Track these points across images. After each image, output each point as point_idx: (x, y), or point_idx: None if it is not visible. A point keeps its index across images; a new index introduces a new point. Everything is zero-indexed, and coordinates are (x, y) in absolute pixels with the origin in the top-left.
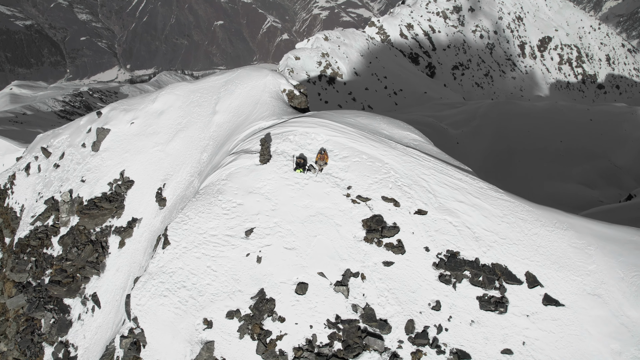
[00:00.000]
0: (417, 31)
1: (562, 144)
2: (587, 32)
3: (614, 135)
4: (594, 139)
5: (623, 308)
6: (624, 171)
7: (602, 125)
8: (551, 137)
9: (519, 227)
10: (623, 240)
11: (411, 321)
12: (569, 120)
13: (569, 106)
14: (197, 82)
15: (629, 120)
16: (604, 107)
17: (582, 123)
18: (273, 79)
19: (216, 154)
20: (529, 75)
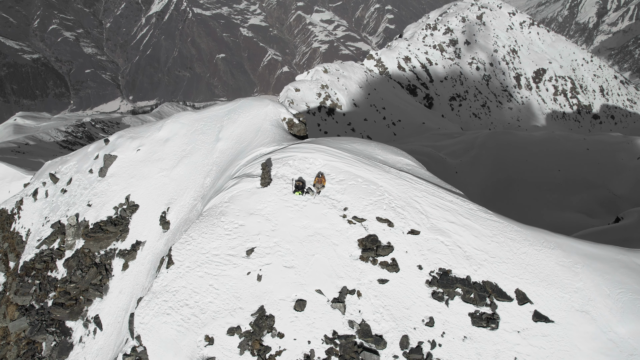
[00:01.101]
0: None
1: (560, 173)
2: (580, 64)
3: (611, 164)
4: (592, 168)
5: (610, 324)
6: (623, 199)
7: (599, 155)
8: (549, 167)
9: (508, 246)
10: (608, 258)
11: (406, 337)
12: (566, 149)
13: (566, 136)
14: (201, 111)
15: (625, 149)
16: (600, 137)
17: (579, 152)
18: (274, 108)
19: (219, 178)
20: (526, 106)
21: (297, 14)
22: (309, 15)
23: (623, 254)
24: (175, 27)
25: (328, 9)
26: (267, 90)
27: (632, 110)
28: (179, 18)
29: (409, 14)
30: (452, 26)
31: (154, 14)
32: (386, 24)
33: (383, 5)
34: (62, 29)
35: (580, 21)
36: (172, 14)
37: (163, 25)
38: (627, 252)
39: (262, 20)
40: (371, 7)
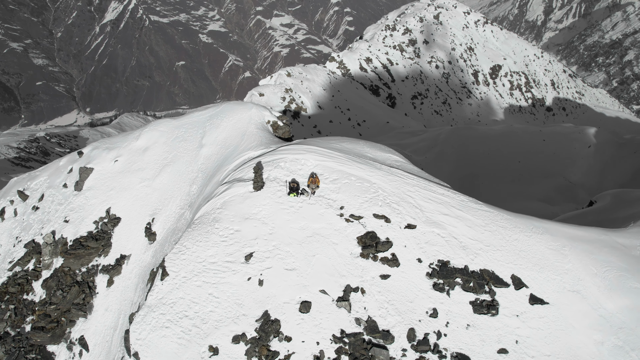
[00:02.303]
0: (376, 64)
1: (520, 165)
2: (532, 59)
3: (565, 153)
4: (549, 158)
5: (600, 301)
6: (578, 186)
7: (554, 145)
8: (510, 159)
9: (500, 235)
10: (592, 239)
11: (412, 329)
12: (525, 141)
13: (523, 128)
14: (180, 118)
15: (578, 139)
16: (554, 128)
17: (536, 144)
18: (257, 111)
19: (206, 185)
20: (484, 102)
21: (256, 18)
22: (269, 20)
23: (605, 234)
24: (131, 36)
25: (288, 13)
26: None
27: (580, 102)
28: (135, 26)
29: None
30: (411, 26)
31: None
32: (346, 26)
33: (342, 8)
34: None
35: (529, 19)
36: (128, 22)
37: (119, 34)
38: (608, 232)
39: (221, 26)
40: (330, 10)
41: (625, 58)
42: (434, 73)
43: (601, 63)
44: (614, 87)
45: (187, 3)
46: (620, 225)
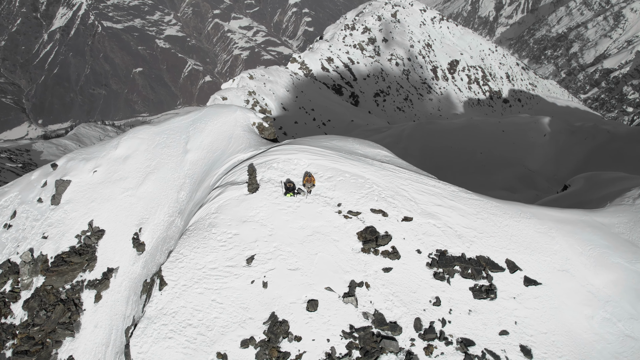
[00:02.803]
0: (338, 64)
1: (482, 156)
2: (487, 54)
3: (524, 143)
4: (508, 148)
5: (587, 278)
6: (537, 174)
7: (513, 135)
8: (472, 151)
9: (492, 221)
10: (575, 220)
11: (418, 319)
12: (485, 133)
13: (483, 120)
14: (160, 124)
15: (534, 128)
16: (512, 119)
17: (496, 134)
18: (242, 113)
19: (196, 190)
20: (445, 96)
21: (214, 22)
22: (227, 23)
23: (586, 215)
24: (84, 43)
25: (246, 15)
26: (191, 102)
27: (534, 93)
28: (87, 33)
29: (326, 16)
30: (370, 25)
31: (57, 29)
32: (305, 27)
33: (300, 9)
34: None
35: (482, 15)
36: (79, 29)
37: (70, 41)
38: (588, 213)
39: (178, 30)
40: (288, 11)
41: (571, 50)
42: (394, 70)
43: (550, 55)
44: (562, 78)
45: (141, 8)
46: (597, 206)
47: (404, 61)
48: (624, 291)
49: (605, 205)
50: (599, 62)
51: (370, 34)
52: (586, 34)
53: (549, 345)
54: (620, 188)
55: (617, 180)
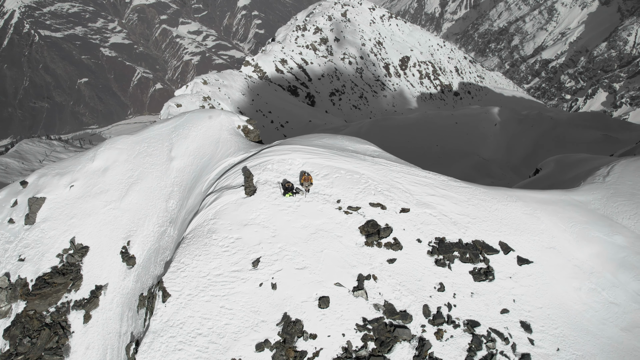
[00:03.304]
0: (292, 65)
1: (438, 148)
2: (436, 49)
3: (476, 133)
4: (462, 139)
5: (572, 253)
6: (491, 162)
7: (466, 126)
8: (428, 143)
9: (482, 207)
10: (556, 200)
11: (426, 306)
12: (439, 126)
13: (437, 114)
14: (138, 133)
15: (485, 119)
16: (464, 111)
17: (449, 127)
18: (227, 117)
19: (187, 198)
20: (398, 92)
21: (162, 27)
22: (175, 28)
23: (564, 195)
24: (20, 53)
25: (194, 20)
26: (142, 111)
27: (482, 85)
28: (22, 43)
29: (277, 18)
30: (321, 25)
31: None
32: (255, 30)
33: (249, 12)
34: None
35: (428, 12)
36: (13, 39)
37: (3, 52)
38: (566, 193)
39: (124, 37)
40: (238, 14)
41: (512, 43)
42: (348, 69)
43: (494, 48)
44: (507, 69)
45: (82, 15)
46: (570, 186)
47: (356, 60)
48: (604, 262)
49: (580, 184)
50: (538, 54)
51: (322, 34)
52: (525, 27)
53: (545, 319)
54: (588, 168)
55: (583, 161)
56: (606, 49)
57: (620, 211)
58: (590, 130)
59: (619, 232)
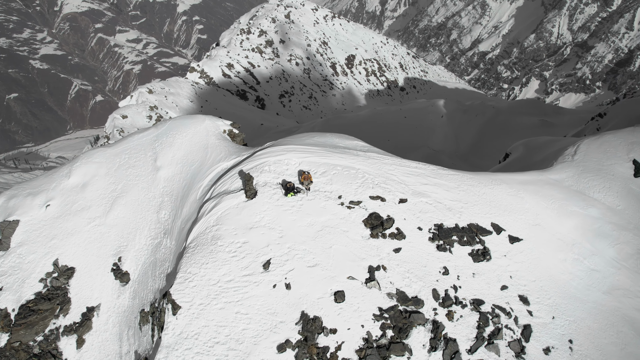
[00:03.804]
0: (239, 69)
1: (390, 142)
2: (380, 47)
3: (425, 126)
4: (412, 132)
5: (554, 228)
6: (440, 153)
7: (414, 120)
8: (380, 139)
9: (472, 191)
10: (535, 180)
11: (434, 290)
12: (389, 121)
13: (386, 109)
14: (117, 144)
15: (432, 111)
16: (411, 105)
17: (399, 121)
18: (211, 122)
19: (181, 207)
20: (347, 91)
21: (97, 37)
22: (112, 37)
23: (541, 175)
24: None
25: (132, 28)
26: (84, 125)
27: (426, 79)
28: None
29: (219, 22)
30: (265, 28)
31: None
32: (198, 35)
33: (190, 17)
34: None
35: (369, 10)
36: None
37: None
38: (542, 173)
39: (56, 48)
40: (178, 20)
41: (451, 37)
42: (295, 70)
43: (434, 43)
44: (448, 62)
45: (5, 25)
46: (542, 167)
47: (303, 60)
48: (583, 233)
49: (553, 164)
50: (475, 47)
51: (267, 37)
52: (461, 22)
53: (539, 291)
54: (555, 149)
55: (548, 143)
56: (535, 40)
57: (590, 186)
58: (528, 116)
59: (592, 205)
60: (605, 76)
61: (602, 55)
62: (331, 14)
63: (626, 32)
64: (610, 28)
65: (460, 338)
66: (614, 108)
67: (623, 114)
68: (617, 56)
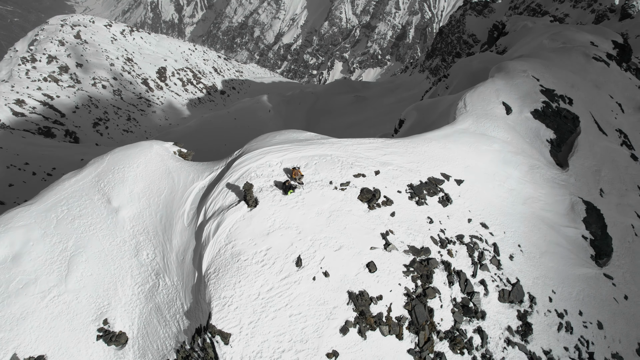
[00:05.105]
0: (33, 104)
1: (227, 147)
2: (189, 54)
3: (256, 123)
4: (245, 132)
5: (478, 165)
6: None
7: (244, 119)
8: (215, 145)
9: (417, 152)
10: (451, 133)
11: (432, 237)
12: (220, 126)
13: (213, 115)
14: (40, 200)
15: (259, 108)
16: (238, 105)
17: (230, 124)
18: (160, 146)
19: (167, 241)
20: (167, 105)
21: None
22: None
23: (452, 127)
24: None
25: None
26: None
27: (243, 78)
28: None
29: None
30: (53, 52)
31: None
32: None
33: None
34: None
35: (166, 19)
36: None
37: None
38: (452, 126)
39: None
40: None
41: (255, 35)
42: (104, 94)
43: (240, 43)
44: (258, 59)
45: None
46: (441, 123)
47: (110, 82)
48: (496, 164)
49: (455, 118)
50: (279, 40)
51: (58, 62)
52: (261, 19)
53: (489, 216)
54: (445, 106)
55: (434, 103)
56: (329, 27)
57: (487, 127)
58: (344, 94)
59: (494, 142)
60: (391, 50)
61: (384, 32)
62: (128, 28)
63: (396, 11)
64: (384, 9)
65: (464, 268)
66: (453, 69)
67: (462, 71)
68: (395, 32)
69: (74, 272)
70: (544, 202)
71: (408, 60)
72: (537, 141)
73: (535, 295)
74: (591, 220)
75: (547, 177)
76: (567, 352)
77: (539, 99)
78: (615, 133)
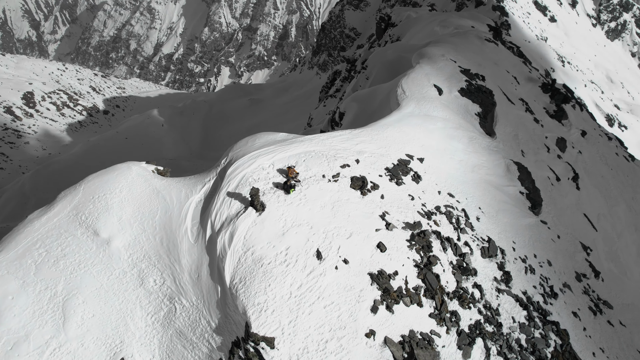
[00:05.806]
0: None
1: None
2: (59, 75)
3: (150, 139)
4: (140, 151)
5: (430, 143)
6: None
7: (137, 138)
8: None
9: (381, 138)
10: (401, 118)
11: (418, 212)
12: (111, 149)
13: (100, 137)
14: (8, 245)
15: (150, 123)
16: (126, 124)
17: (122, 144)
18: (138, 166)
19: (176, 262)
20: (42, 133)
21: None
22: None
23: (400, 112)
24: None
25: None
26: None
27: (127, 95)
28: None
29: None
30: None
31: None
32: None
33: None
34: None
35: (22, 37)
36: None
37: None
38: (400, 111)
39: None
40: None
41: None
42: None
43: (116, 58)
44: (138, 73)
45: None
46: (384, 110)
47: None
48: (444, 140)
49: (400, 104)
50: (159, 51)
51: None
52: (135, 30)
53: (451, 186)
54: (384, 93)
55: (372, 92)
56: (210, 33)
57: (428, 108)
58: (237, 99)
59: (437, 120)
60: (276, 50)
61: (267, 33)
62: None
63: (275, 12)
64: (263, 11)
65: (450, 234)
66: (370, 59)
67: (379, 62)
68: (277, 32)
69: (73, 318)
70: (487, 167)
71: (294, 58)
72: (468, 115)
73: (504, 248)
74: (523, 177)
75: (483, 145)
76: (536, 290)
77: (462, 78)
78: (519, 102)
